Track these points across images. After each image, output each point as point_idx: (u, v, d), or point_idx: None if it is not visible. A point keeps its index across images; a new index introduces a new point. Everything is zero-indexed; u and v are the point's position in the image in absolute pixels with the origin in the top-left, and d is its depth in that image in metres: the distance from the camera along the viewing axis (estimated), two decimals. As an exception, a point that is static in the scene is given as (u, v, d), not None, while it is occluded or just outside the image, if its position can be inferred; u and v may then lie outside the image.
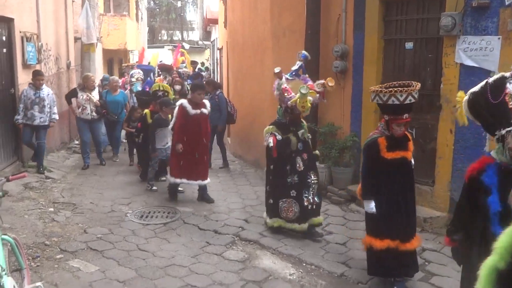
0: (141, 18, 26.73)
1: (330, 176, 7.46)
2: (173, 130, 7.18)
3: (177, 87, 11.16)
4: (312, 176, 5.81)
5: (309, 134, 6.11)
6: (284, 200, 5.78)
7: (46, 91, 8.42)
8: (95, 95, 9.40)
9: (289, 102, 5.56)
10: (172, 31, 45.41)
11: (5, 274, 3.37)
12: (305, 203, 5.71)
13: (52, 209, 6.64)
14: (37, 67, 9.54)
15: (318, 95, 5.65)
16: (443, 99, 6.07)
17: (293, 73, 5.92)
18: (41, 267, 4.86)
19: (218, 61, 18.59)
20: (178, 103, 7.09)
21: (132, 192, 7.73)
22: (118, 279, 4.71)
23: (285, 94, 5.56)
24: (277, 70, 5.68)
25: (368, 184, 4.52)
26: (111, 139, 10.50)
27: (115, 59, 22.33)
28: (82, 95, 9.26)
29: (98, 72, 14.02)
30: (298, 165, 5.74)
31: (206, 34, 27.00)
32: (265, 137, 5.90)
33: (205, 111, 7.12)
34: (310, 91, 5.37)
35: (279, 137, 5.73)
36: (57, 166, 9.09)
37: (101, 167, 9.59)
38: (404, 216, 4.50)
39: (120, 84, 11.74)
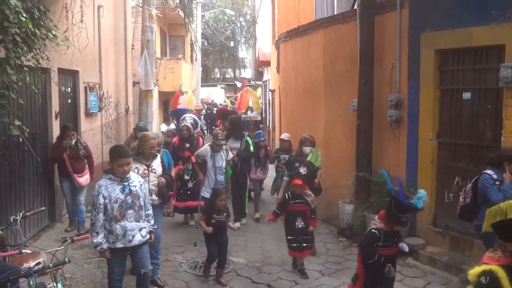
0: (195, 59, 27.57)
1: (386, 227, 7.26)
2: None
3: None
4: None
5: None
6: None
7: (136, 179, 4.75)
8: (156, 167, 5.73)
9: None
10: (224, 69, 46.42)
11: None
12: None
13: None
14: (98, 115, 10.01)
15: None
16: (504, 152, 5.85)
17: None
18: (99, 321, 4.97)
19: (271, 102, 18.78)
20: None
21: (185, 240, 7.77)
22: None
23: None
24: None
25: None
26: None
27: (170, 101, 23.00)
28: (137, 168, 5.48)
29: (155, 115, 14.48)
30: None
31: (258, 74, 27.44)
32: None
33: None
34: None
35: None
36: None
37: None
38: None
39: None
